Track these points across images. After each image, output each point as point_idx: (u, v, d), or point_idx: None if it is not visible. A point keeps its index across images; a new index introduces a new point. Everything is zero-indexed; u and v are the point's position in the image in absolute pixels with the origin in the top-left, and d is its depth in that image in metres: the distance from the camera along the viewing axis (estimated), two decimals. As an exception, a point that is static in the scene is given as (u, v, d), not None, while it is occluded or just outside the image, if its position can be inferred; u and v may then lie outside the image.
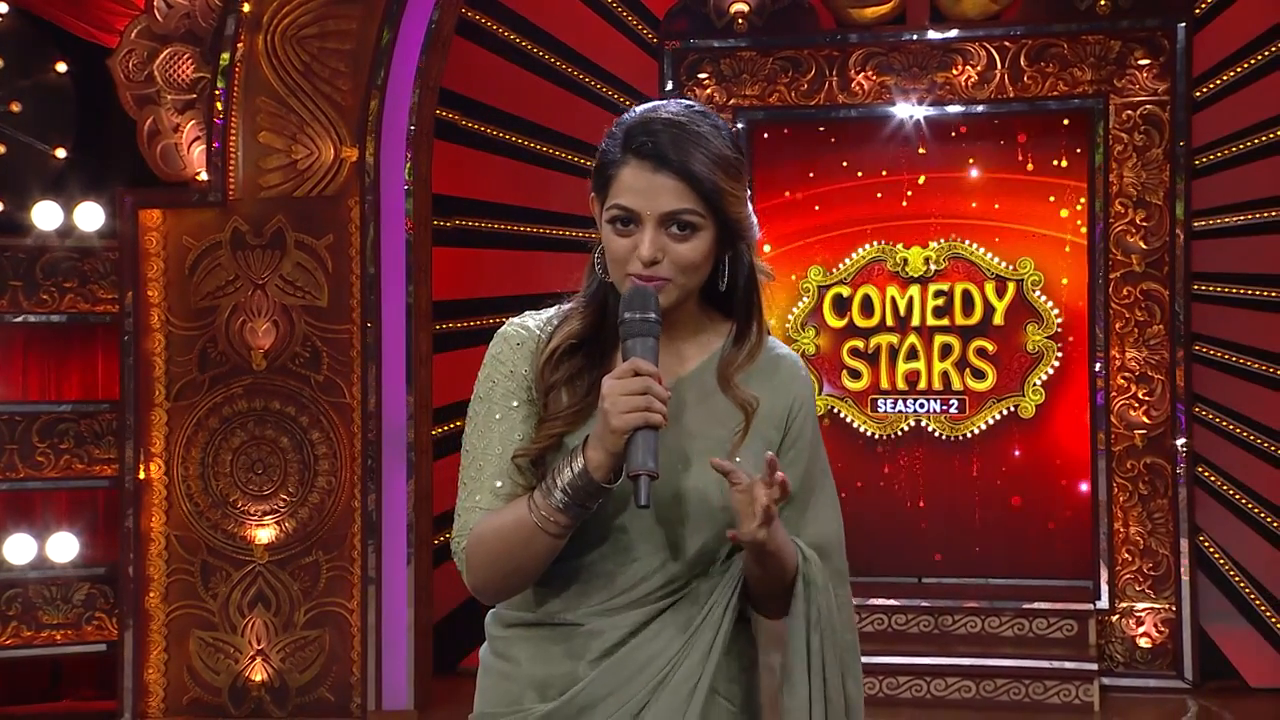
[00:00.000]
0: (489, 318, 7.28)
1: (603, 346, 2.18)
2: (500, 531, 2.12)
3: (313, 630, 6.39)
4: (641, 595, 2.12)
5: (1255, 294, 6.85)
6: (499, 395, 2.20)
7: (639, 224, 2.09)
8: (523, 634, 2.18)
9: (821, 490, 2.22)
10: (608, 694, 2.09)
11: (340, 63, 6.39)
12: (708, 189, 2.07)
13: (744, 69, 7.10)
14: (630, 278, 2.09)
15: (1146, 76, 6.85)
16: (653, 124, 2.11)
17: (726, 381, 2.17)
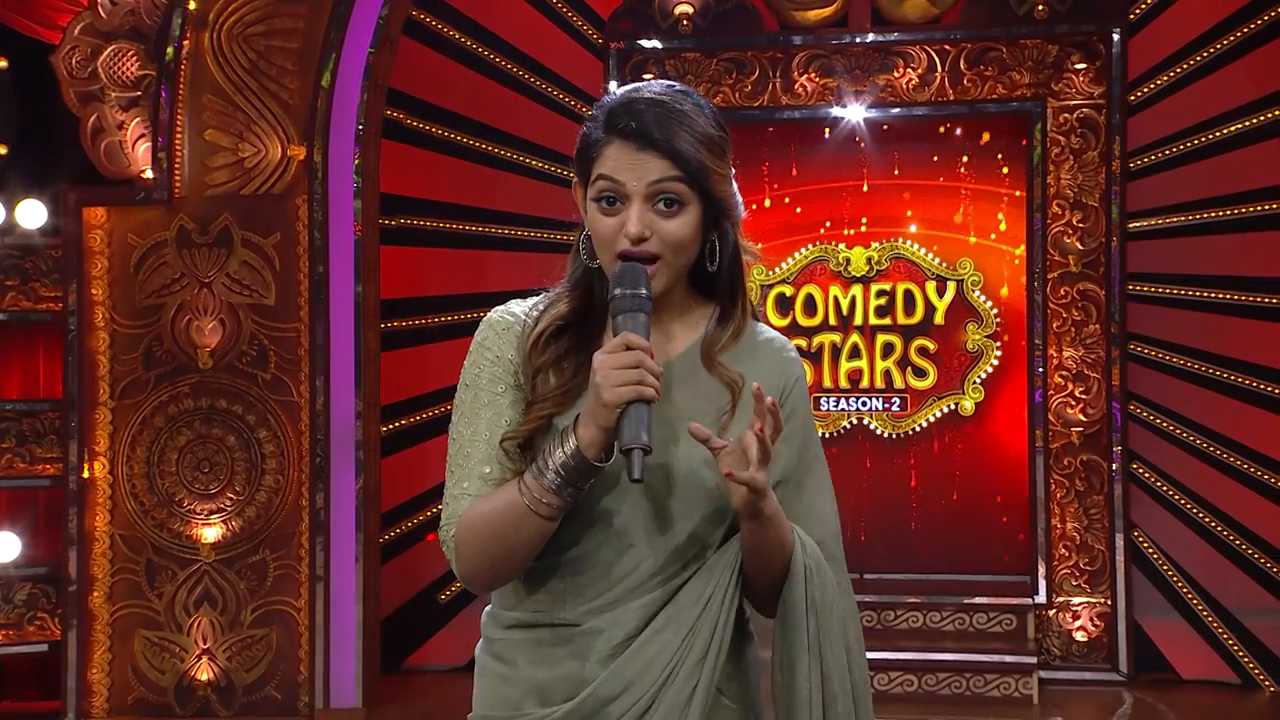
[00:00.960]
0: (435, 316, 7.31)
1: (589, 329, 2.18)
2: (490, 517, 2.10)
3: (260, 629, 6.38)
4: (637, 584, 2.10)
5: (1188, 294, 6.99)
6: (485, 381, 2.19)
7: (625, 201, 2.10)
8: (521, 635, 2.16)
9: (816, 477, 2.22)
10: (617, 695, 2.07)
11: (287, 61, 6.39)
12: (693, 166, 2.08)
13: (689, 70, 7.17)
14: (619, 257, 2.09)
15: (1083, 80, 6.97)
16: (635, 104, 2.11)
17: (711, 361, 2.17)
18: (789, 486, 2.16)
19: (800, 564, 2.11)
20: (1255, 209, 6.90)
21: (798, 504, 2.18)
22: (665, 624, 2.09)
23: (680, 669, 2.08)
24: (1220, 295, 6.94)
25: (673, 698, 2.07)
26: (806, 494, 2.19)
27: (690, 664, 2.08)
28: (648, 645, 2.08)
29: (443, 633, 7.28)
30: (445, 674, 7.19)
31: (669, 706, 2.07)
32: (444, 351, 7.34)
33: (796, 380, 2.22)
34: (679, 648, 2.08)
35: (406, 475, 7.14)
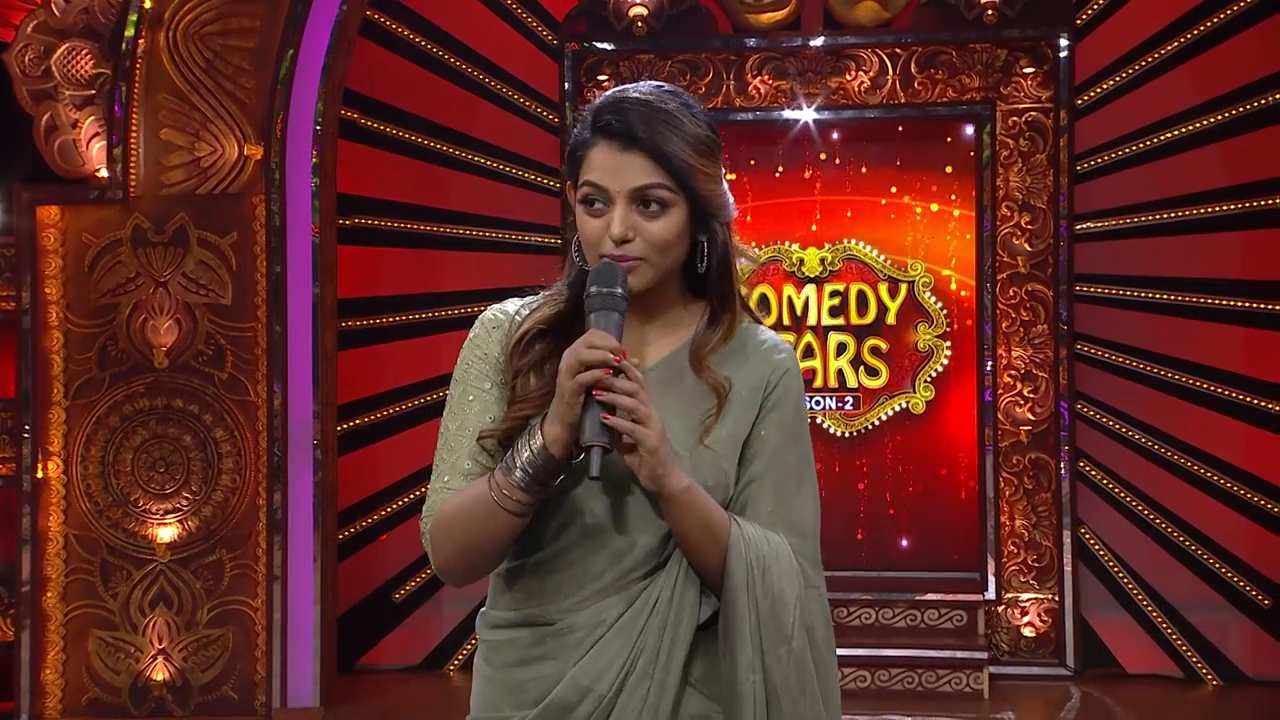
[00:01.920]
0: (389, 316, 7.32)
1: (573, 332, 2.16)
2: (461, 509, 2.13)
3: (216, 629, 6.38)
4: (608, 584, 2.13)
5: (1135, 295, 7.11)
6: (473, 377, 2.22)
7: (609, 203, 2.11)
8: (503, 636, 2.19)
9: (799, 475, 2.21)
10: (579, 700, 2.10)
11: (244, 60, 6.39)
12: (677, 166, 2.09)
13: (643, 72, 7.21)
14: (603, 258, 2.10)
15: (1031, 84, 7.07)
16: (621, 104, 2.12)
17: (700, 363, 2.18)
18: (764, 482, 2.17)
19: (740, 553, 2.10)
20: (1199, 211, 7.03)
21: (772, 501, 2.17)
22: (621, 627, 2.11)
23: (632, 671, 2.09)
24: (1165, 296, 7.06)
25: (627, 699, 2.09)
26: (784, 493, 2.19)
27: (643, 664, 2.09)
28: (607, 647, 2.11)
29: (396, 632, 7.30)
30: (399, 673, 7.21)
31: (625, 708, 2.09)
32: (398, 351, 7.37)
33: (782, 376, 2.21)
34: (631, 649, 2.10)
35: (360, 475, 7.16)
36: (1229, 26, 6.97)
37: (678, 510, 2.07)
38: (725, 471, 2.15)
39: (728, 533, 2.10)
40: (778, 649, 2.10)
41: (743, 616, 2.08)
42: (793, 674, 2.10)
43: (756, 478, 2.16)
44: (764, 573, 2.10)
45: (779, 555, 2.12)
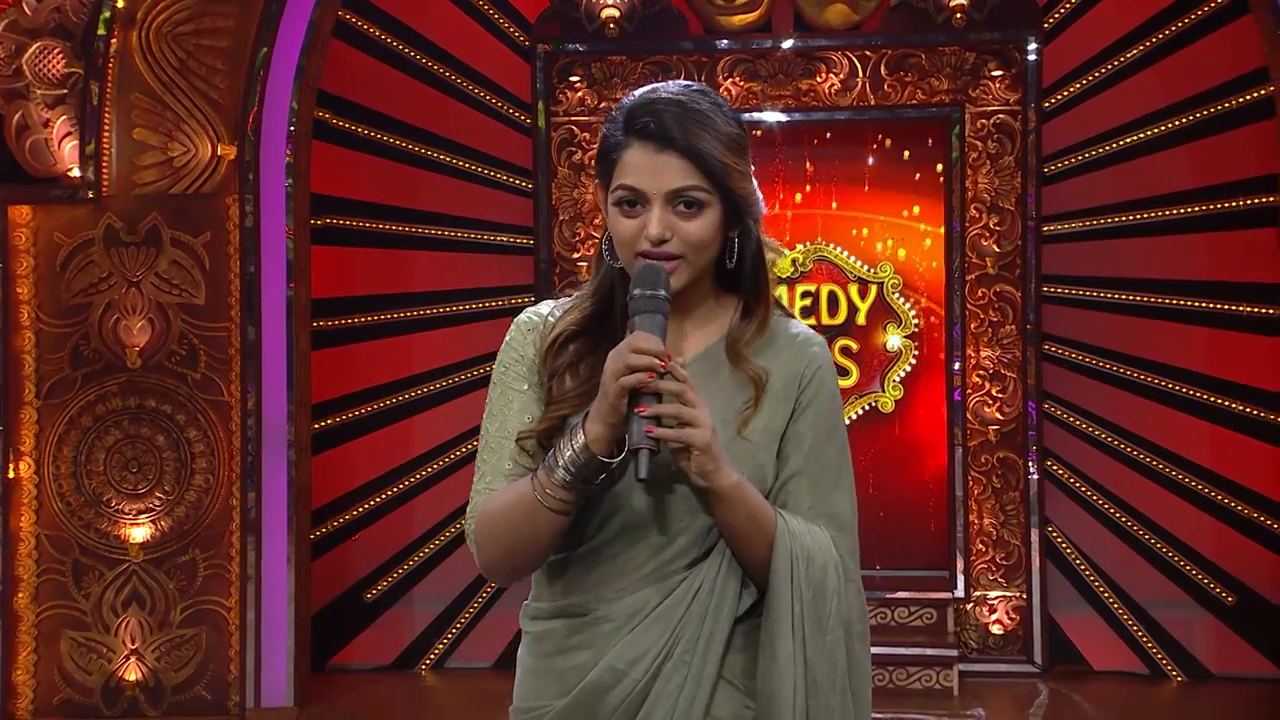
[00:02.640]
0: (360, 316, 7.33)
1: (609, 331, 2.21)
2: (505, 509, 2.16)
3: (189, 629, 6.37)
4: (650, 572, 2.16)
5: (1102, 296, 7.18)
6: (510, 379, 2.26)
7: (646, 204, 2.13)
8: (543, 626, 2.23)
9: (837, 469, 2.24)
10: (613, 685, 2.13)
11: (217, 60, 6.38)
12: (713, 165, 2.12)
13: (615, 73, 7.24)
14: (639, 258, 2.13)
15: (999, 87, 7.14)
16: (654, 104, 2.14)
17: (737, 355, 2.20)
18: (802, 479, 2.20)
19: (785, 546, 2.13)
20: (1165, 213, 7.11)
21: (811, 497, 2.21)
22: (659, 615, 2.14)
23: (670, 656, 2.12)
24: (1132, 297, 7.14)
25: (662, 685, 2.12)
26: (823, 488, 2.22)
27: (679, 651, 2.12)
28: (642, 635, 2.14)
29: (368, 632, 7.31)
30: (371, 673, 7.21)
31: (660, 695, 2.12)
32: (369, 351, 7.37)
33: (816, 371, 2.24)
34: (668, 638, 2.13)
35: (332, 475, 7.16)
36: (1194, 30, 7.05)
37: (728, 505, 2.10)
38: (762, 464, 2.18)
39: (774, 525, 2.14)
40: (816, 640, 2.13)
41: (786, 608, 2.12)
42: (826, 665, 2.13)
43: (795, 474, 2.20)
44: (807, 564, 2.13)
45: (821, 547, 2.16)
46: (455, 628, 7.27)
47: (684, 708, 2.12)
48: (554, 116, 7.23)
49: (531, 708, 2.23)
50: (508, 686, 7.58)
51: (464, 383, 7.34)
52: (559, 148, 7.23)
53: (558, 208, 7.23)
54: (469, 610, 7.27)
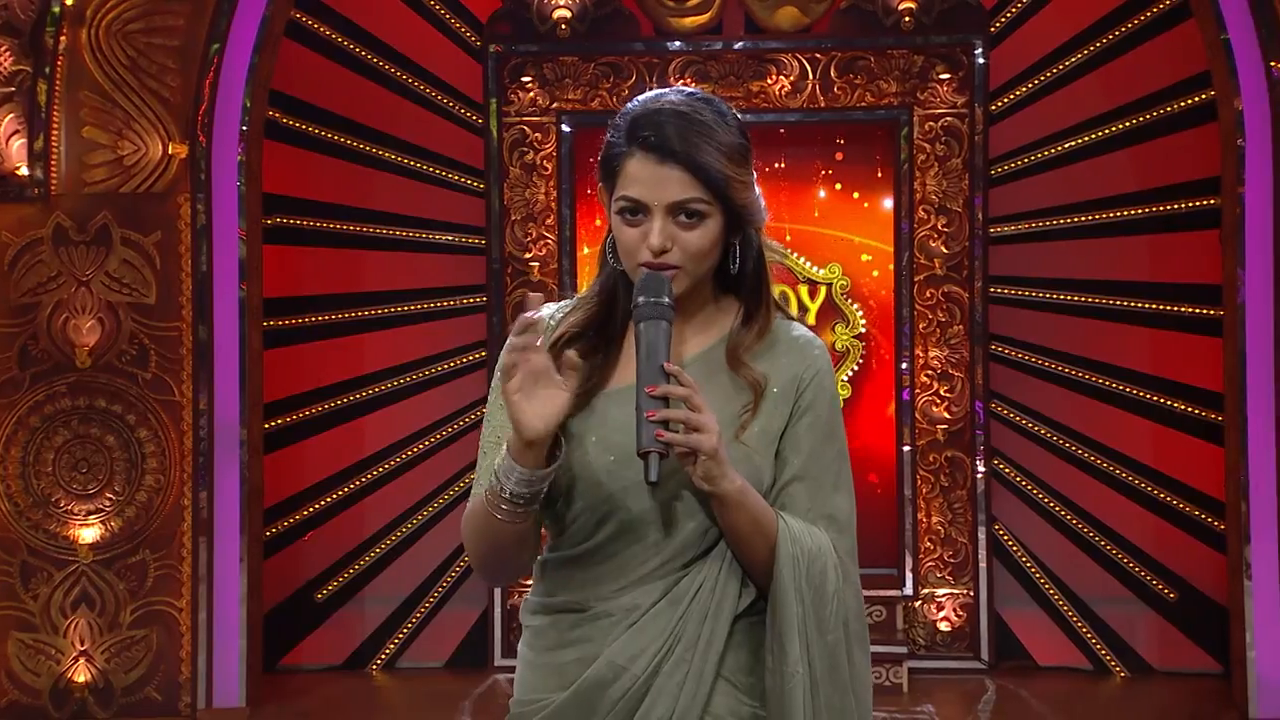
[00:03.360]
0: (311, 316, 7.31)
1: (609, 334, 2.25)
2: (471, 517, 2.24)
3: (139, 629, 6.34)
4: (647, 572, 2.19)
5: (1047, 297, 7.27)
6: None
7: (647, 214, 2.16)
8: (542, 621, 2.27)
9: (836, 471, 2.27)
10: (614, 679, 2.17)
11: (168, 59, 6.36)
12: (714, 177, 2.15)
13: (566, 73, 7.26)
14: (641, 267, 2.16)
15: (947, 90, 7.21)
16: (657, 115, 2.18)
17: (737, 360, 2.24)
18: (805, 483, 2.23)
19: (786, 550, 2.16)
20: (1110, 215, 7.20)
21: (809, 500, 2.24)
22: (660, 611, 2.18)
23: (670, 654, 2.16)
24: (1077, 298, 7.23)
25: (663, 682, 2.16)
26: (821, 490, 2.25)
27: (680, 649, 2.16)
28: (643, 631, 2.17)
29: (318, 632, 7.29)
30: (321, 673, 7.20)
31: (661, 691, 2.15)
32: (320, 351, 7.36)
33: (816, 374, 2.27)
34: (669, 634, 2.16)
35: (283, 474, 7.14)
36: (1137, 35, 7.14)
37: (731, 509, 2.13)
38: (759, 467, 2.21)
39: (775, 528, 2.17)
40: (818, 641, 2.16)
41: (792, 611, 2.15)
42: (828, 665, 2.17)
43: (795, 477, 2.23)
44: (809, 566, 2.17)
45: (821, 549, 2.19)
46: (406, 627, 7.27)
47: (684, 704, 2.15)
48: (506, 117, 7.25)
49: (531, 700, 2.26)
50: (459, 686, 7.62)
51: (416, 382, 7.35)
52: (511, 148, 7.25)
53: (510, 208, 7.25)
54: (420, 610, 7.28)
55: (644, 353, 2.12)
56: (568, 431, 2.19)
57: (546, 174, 7.25)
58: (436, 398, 7.38)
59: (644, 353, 2.12)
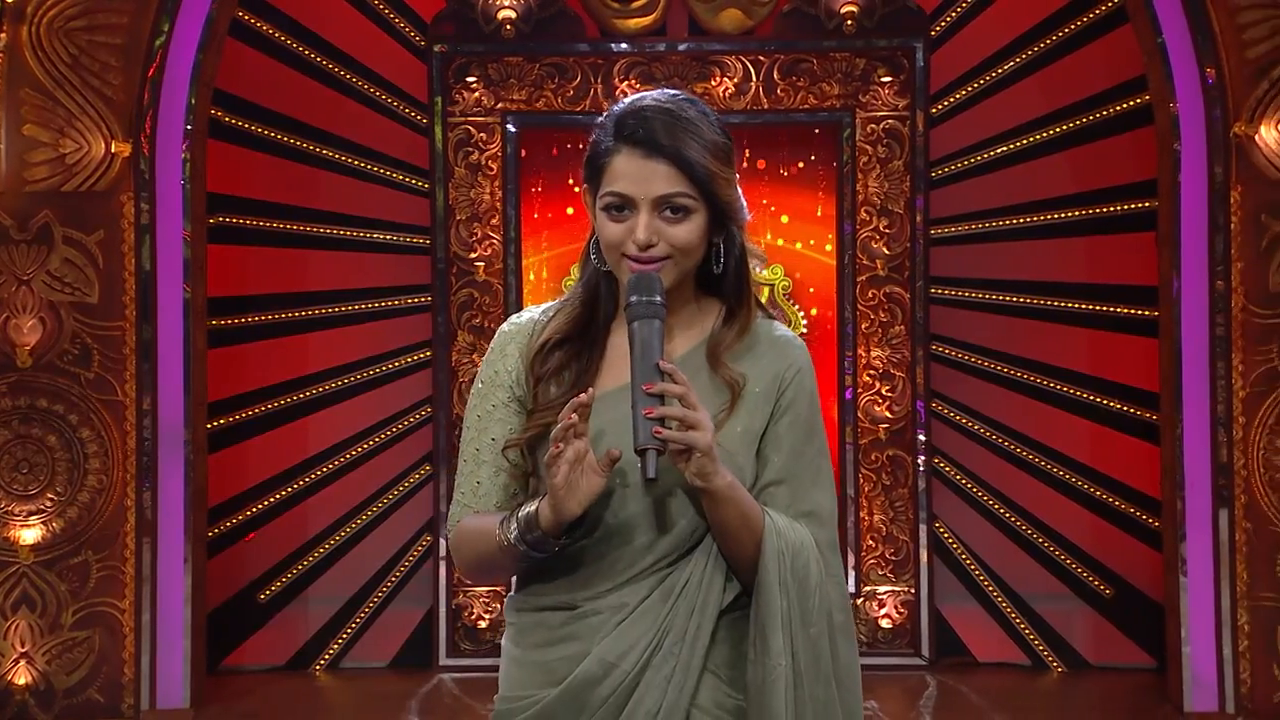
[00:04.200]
0: (254, 315, 7.28)
1: (593, 336, 2.30)
2: (475, 538, 2.29)
3: (82, 631, 6.30)
4: (637, 572, 2.24)
5: (987, 298, 7.36)
6: (485, 391, 2.34)
7: (633, 209, 2.21)
8: (530, 619, 2.31)
9: (816, 469, 2.32)
10: (603, 676, 2.20)
11: (111, 56, 6.31)
12: (699, 173, 2.20)
13: (511, 74, 7.27)
14: (627, 260, 2.21)
15: (888, 93, 7.29)
16: (643, 111, 2.23)
17: (716, 360, 2.28)
18: (787, 480, 2.28)
19: (772, 545, 2.21)
20: (1048, 217, 7.29)
21: (791, 497, 2.28)
22: (648, 608, 2.22)
23: (659, 648, 2.20)
24: (1016, 299, 7.33)
25: (651, 676, 2.20)
26: (802, 486, 2.29)
27: (669, 643, 2.20)
28: (631, 628, 2.22)
29: (261, 632, 7.26)
30: (264, 674, 7.17)
31: (650, 685, 2.19)
32: (264, 350, 7.33)
33: (797, 373, 2.31)
34: (658, 629, 2.21)
35: (226, 474, 7.11)
36: (1074, 40, 7.24)
37: (721, 505, 2.18)
38: (741, 466, 2.26)
39: (761, 523, 2.21)
40: (802, 634, 2.21)
41: (776, 604, 2.20)
42: (811, 657, 2.22)
43: (776, 478, 2.28)
44: (793, 560, 2.22)
45: (804, 544, 2.24)
46: (350, 628, 7.26)
47: (673, 697, 2.20)
48: (450, 117, 7.25)
49: (518, 697, 2.29)
50: (404, 686, 7.62)
51: (360, 382, 7.34)
52: (456, 148, 7.25)
53: (454, 207, 7.25)
54: (364, 610, 7.27)
55: (638, 351, 2.16)
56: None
57: (492, 174, 7.26)
58: (381, 398, 7.37)
59: (638, 351, 2.16)
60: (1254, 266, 6.36)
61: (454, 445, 7.20)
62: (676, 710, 2.20)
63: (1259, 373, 6.35)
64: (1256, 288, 6.36)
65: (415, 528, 7.33)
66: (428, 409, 7.32)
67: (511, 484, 2.34)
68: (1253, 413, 6.35)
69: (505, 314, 7.21)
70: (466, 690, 6.82)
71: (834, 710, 2.24)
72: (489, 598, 7.11)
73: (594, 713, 2.20)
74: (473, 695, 6.73)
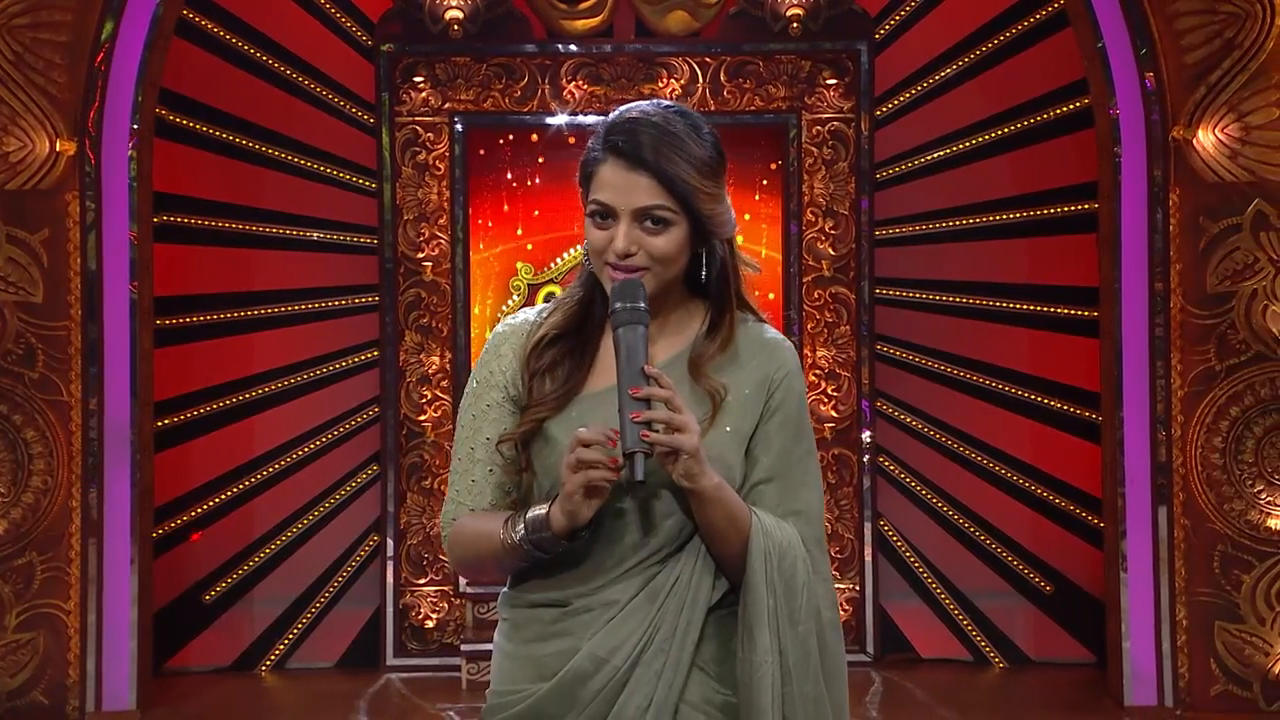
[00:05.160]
0: (200, 315, 7.25)
1: (587, 335, 2.35)
2: (476, 541, 2.33)
3: (25, 633, 6.25)
4: (626, 569, 2.28)
5: (930, 298, 7.44)
6: (480, 390, 2.39)
7: (615, 218, 2.27)
8: (523, 615, 2.35)
9: (804, 469, 2.37)
10: (595, 671, 2.25)
11: (55, 54, 6.27)
12: (680, 188, 2.25)
13: (459, 74, 7.28)
14: (608, 268, 2.27)
15: (834, 95, 7.35)
16: (632, 124, 2.29)
17: (699, 372, 2.32)
18: (775, 480, 2.32)
19: (760, 544, 2.25)
20: (990, 219, 7.39)
21: (779, 496, 2.33)
22: (638, 605, 2.27)
23: (650, 644, 2.25)
24: (959, 299, 7.41)
25: (642, 672, 2.24)
26: (790, 486, 2.34)
27: (659, 639, 2.25)
28: (623, 624, 2.26)
29: (206, 634, 7.23)
30: (210, 675, 7.15)
31: (640, 681, 2.24)
32: (209, 350, 7.30)
33: (786, 375, 2.37)
34: (648, 626, 2.25)
35: (171, 474, 7.07)
36: (1016, 43, 7.33)
37: (708, 505, 2.23)
38: (730, 465, 2.31)
39: (749, 524, 2.26)
40: (790, 632, 2.26)
41: (762, 602, 2.24)
42: (800, 654, 2.26)
43: (764, 478, 2.32)
44: (779, 559, 2.26)
45: (791, 543, 2.29)
46: (296, 628, 7.25)
47: (663, 692, 2.24)
48: (398, 117, 7.25)
49: (509, 691, 2.33)
50: (349, 686, 7.60)
51: (305, 382, 7.32)
52: (403, 148, 7.25)
53: (402, 207, 7.25)
54: (310, 611, 7.25)
55: (624, 357, 2.21)
56: (547, 434, 2.30)
57: (439, 174, 7.26)
58: (328, 397, 7.36)
59: (624, 357, 2.21)
60: (1192, 268, 6.47)
61: (401, 444, 7.22)
62: (666, 706, 2.24)
63: (1196, 372, 6.46)
64: (1195, 289, 6.46)
65: (362, 528, 7.32)
66: (375, 409, 7.31)
67: (505, 481, 2.38)
68: (1191, 412, 6.46)
69: (453, 314, 7.23)
70: (415, 690, 6.82)
71: (824, 707, 2.29)
72: (436, 597, 7.12)
73: (584, 708, 2.24)
74: (421, 695, 6.74)
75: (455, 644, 7.04)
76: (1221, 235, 6.43)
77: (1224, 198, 6.43)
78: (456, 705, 6.54)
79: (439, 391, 7.26)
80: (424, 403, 7.26)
